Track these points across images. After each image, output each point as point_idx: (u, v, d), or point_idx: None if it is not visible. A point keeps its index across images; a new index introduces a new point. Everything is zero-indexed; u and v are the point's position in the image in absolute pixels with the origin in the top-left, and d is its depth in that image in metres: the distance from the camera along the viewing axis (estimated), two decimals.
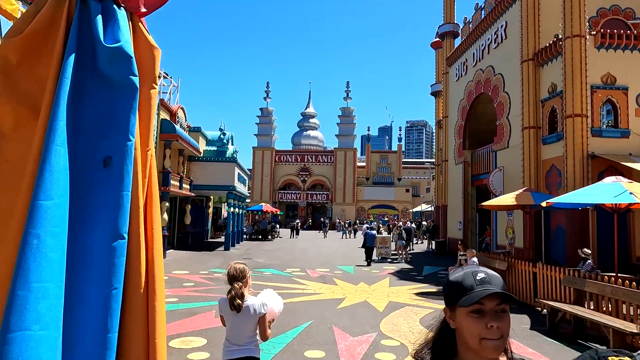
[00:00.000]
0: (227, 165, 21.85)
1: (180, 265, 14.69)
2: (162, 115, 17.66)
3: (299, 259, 18.30)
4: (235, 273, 3.13)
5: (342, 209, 53.70)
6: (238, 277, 3.11)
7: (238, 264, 3.23)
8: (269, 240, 30.16)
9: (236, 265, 3.20)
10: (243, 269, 3.18)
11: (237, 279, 3.10)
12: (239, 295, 3.01)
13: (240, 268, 3.18)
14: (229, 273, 3.15)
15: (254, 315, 3.01)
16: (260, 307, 3.05)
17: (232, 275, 3.12)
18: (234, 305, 2.97)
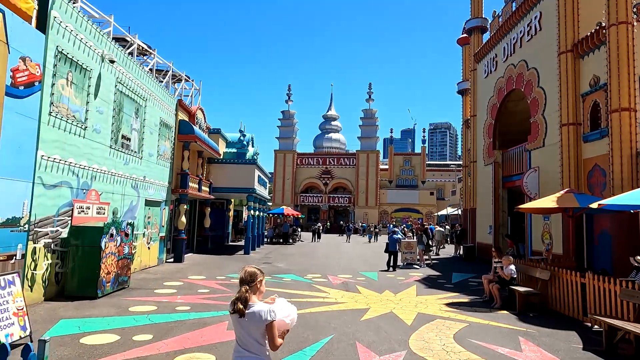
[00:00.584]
0: (247, 167, 21.38)
1: (197, 270, 14.19)
2: (181, 116, 17.30)
3: (320, 264, 17.59)
4: (244, 276, 3.03)
5: (365, 212, 52.76)
6: (246, 281, 3.00)
7: (250, 268, 3.11)
8: (290, 244, 29.56)
9: (248, 269, 3.10)
10: (253, 273, 3.05)
11: (246, 283, 3.00)
12: (242, 299, 2.89)
13: (250, 272, 3.06)
14: (240, 276, 3.07)
15: (259, 322, 2.86)
16: (267, 314, 2.86)
17: (241, 279, 3.03)
18: (235, 308, 2.88)
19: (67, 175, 9.42)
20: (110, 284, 9.63)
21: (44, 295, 8.71)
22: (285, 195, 54.27)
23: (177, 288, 10.71)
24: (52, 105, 8.76)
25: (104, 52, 10.75)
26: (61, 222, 9.25)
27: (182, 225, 16.67)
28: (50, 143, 8.74)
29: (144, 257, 13.96)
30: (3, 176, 7.43)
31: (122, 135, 12.13)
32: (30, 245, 8.24)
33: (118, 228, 9.95)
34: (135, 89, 12.89)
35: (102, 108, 10.85)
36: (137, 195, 13.23)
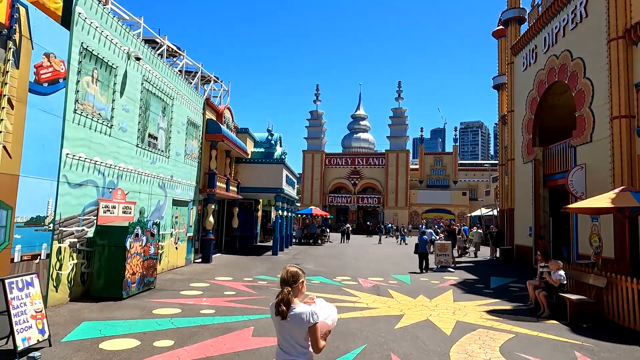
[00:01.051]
0: (275, 166, 21.08)
1: (224, 271, 13.93)
2: (208, 116, 17.14)
3: (350, 265, 17.03)
4: (286, 277, 2.92)
5: (395, 212, 51.75)
6: (288, 282, 2.90)
7: (292, 268, 2.99)
8: (319, 245, 29.12)
9: (289, 269, 2.98)
10: (295, 274, 2.95)
11: (288, 284, 2.89)
12: (285, 302, 2.80)
13: (292, 272, 2.95)
14: (281, 276, 2.96)
15: (302, 324, 2.77)
16: (310, 316, 2.77)
17: (283, 279, 2.93)
18: (278, 311, 2.80)
19: (93, 174, 9.28)
20: (136, 285, 9.43)
21: (69, 295, 8.57)
22: (314, 195, 53.95)
23: (203, 290, 10.42)
24: (77, 103, 8.62)
25: (129, 49, 10.61)
26: (87, 222, 9.11)
27: (210, 225, 16.49)
28: (75, 141, 8.60)
29: (171, 257, 13.81)
30: (26, 174, 7.29)
31: (149, 134, 11.99)
32: (55, 245, 8.10)
33: (143, 228, 9.75)
34: (162, 87, 12.75)
35: (128, 106, 10.70)
36: (164, 194, 13.08)
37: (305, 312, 2.77)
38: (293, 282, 2.88)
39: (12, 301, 5.27)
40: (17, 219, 7.13)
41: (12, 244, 7.01)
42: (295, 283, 2.88)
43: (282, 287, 2.87)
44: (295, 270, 2.97)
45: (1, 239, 6.79)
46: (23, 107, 7.18)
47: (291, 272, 2.93)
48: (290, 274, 2.91)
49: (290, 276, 2.91)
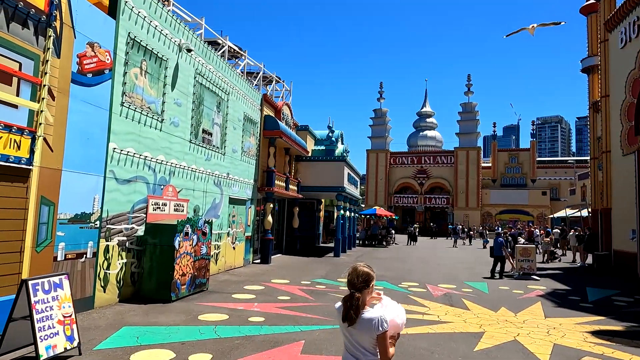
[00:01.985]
0: (336, 164, 20.14)
1: (282, 273, 13.21)
2: (266, 112, 16.62)
3: (417, 270, 15.60)
4: (356, 280, 2.61)
5: (465, 214, 48.69)
6: (358, 284, 2.59)
7: (362, 268, 2.68)
8: (384, 247, 27.75)
9: (360, 269, 2.66)
10: (367, 275, 2.63)
11: (357, 287, 2.59)
12: (355, 307, 2.54)
13: (363, 273, 2.63)
14: (349, 277, 2.65)
15: (370, 331, 2.52)
16: (379, 324, 2.51)
17: (350, 281, 2.63)
18: (347, 317, 2.55)
19: (143, 170, 8.92)
20: (186, 287, 8.92)
21: (118, 296, 8.22)
22: (379, 196, 52.42)
23: (256, 293, 9.71)
24: (124, 95, 8.27)
25: (180, 41, 10.21)
26: (137, 219, 8.75)
27: (269, 224, 15.92)
28: (122, 135, 8.25)
29: (228, 257, 13.37)
30: (70, 169, 6.97)
31: (203, 130, 11.58)
32: (102, 243, 7.76)
33: (194, 226, 9.24)
34: (217, 81, 12.31)
35: (180, 100, 10.31)
36: (220, 192, 12.65)
37: (374, 318, 2.53)
38: (364, 285, 2.60)
39: (36, 305, 4.77)
40: (60, 215, 6.81)
41: (55, 241, 6.69)
42: (367, 287, 2.61)
43: (352, 291, 2.59)
44: (367, 271, 2.66)
45: (43, 237, 6.47)
46: (65, 98, 6.85)
47: (362, 274, 2.63)
48: (362, 277, 2.62)
49: (361, 280, 2.60)
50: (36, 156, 6.30)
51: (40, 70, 6.39)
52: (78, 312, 7.10)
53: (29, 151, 6.15)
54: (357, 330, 2.56)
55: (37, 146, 6.31)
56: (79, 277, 7.22)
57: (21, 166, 6.03)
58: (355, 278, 2.62)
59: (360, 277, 2.62)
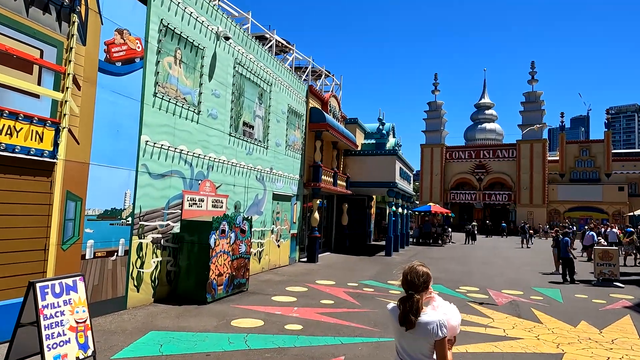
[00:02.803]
0: (387, 158, 19.06)
1: (328, 273, 12.46)
2: (313, 104, 15.93)
3: (477, 272, 14.22)
4: (414, 279, 2.41)
5: (529, 211, 45.36)
6: (417, 285, 2.39)
7: (422, 267, 2.46)
8: (439, 246, 26.20)
9: (417, 269, 2.45)
10: (427, 276, 2.44)
11: (416, 287, 2.39)
12: (414, 310, 2.34)
13: (423, 273, 2.44)
14: (405, 277, 2.43)
15: (428, 336, 2.33)
16: (438, 329, 2.32)
17: (409, 281, 2.41)
18: (404, 320, 2.36)
19: (179, 164, 8.50)
20: (223, 287, 8.41)
21: (153, 296, 7.86)
22: (434, 192, 50.27)
23: (297, 295, 9.02)
24: (157, 86, 7.86)
25: (218, 28, 9.71)
26: (172, 216, 8.35)
27: (315, 222, 15.23)
28: (156, 127, 7.85)
29: (272, 255, 12.83)
30: (98, 162, 6.62)
31: (244, 122, 11.07)
32: (135, 241, 7.40)
33: (232, 223, 8.70)
34: (258, 71, 11.76)
35: (218, 91, 9.83)
36: (262, 188, 12.11)
37: (432, 322, 2.33)
38: (423, 286, 2.41)
39: (44, 310, 4.34)
40: (88, 211, 6.47)
41: (82, 239, 6.37)
42: (425, 287, 2.42)
43: (409, 292, 2.39)
44: (426, 271, 2.48)
45: (69, 234, 6.15)
46: (92, 88, 6.50)
47: (423, 274, 2.43)
48: (421, 276, 2.42)
49: (420, 279, 2.41)
50: (60, 149, 5.98)
51: (64, 58, 6.05)
52: (109, 313, 6.79)
53: (52, 143, 5.83)
54: (414, 335, 2.36)
55: (62, 138, 5.98)
56: (110, 276, 6.89)
57: (44, 159, 5.71)
58: (415, 278, 2.40)
59: (420, 277, 2.40)
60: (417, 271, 2.43)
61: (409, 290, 2.39)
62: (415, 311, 2.34)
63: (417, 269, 2.45)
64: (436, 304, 2.49)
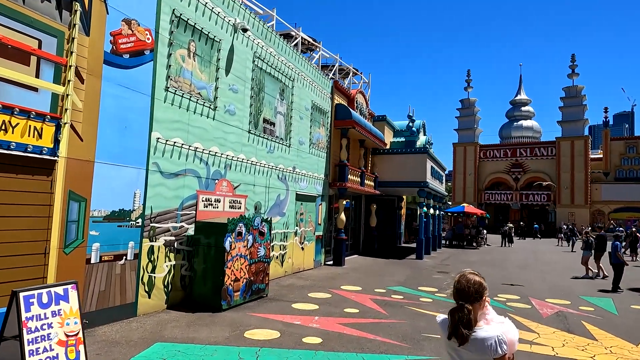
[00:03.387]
0: (417, 157, 18.17)
1: (354, 278, 11.78)
2: (337, 100, 15.29)
3: (516, 278, 13.17)
4: (465, 288, 2.21)
5: (570, 212, 42.99)
6: (468, 295, 2.19)
7: (472, 276, 2.27)
8: (474, 249, 24.96)
9: (469, 277, 2.26)
10: (480, 285, 2.23)
11: (468, 297, 2.19)
12: (466, 323, 2.14)
13: (476, 282, 2.23)
14: (456, 286, 2.25)
15: (486, 353, 2.11)
16: (497, 345, 2.10)
17: (461, 291, 2.22)
18: (457, 335, 2.15)
19: (193, 162, 8.06)
20: (240, 293, 7.89)
21: (166, 302, 7.42)
22: (467, 192, 48.58)
23: (320, 303, 8.39)
24: (169, 80, 7.43)
25: (235, 20, 9.24)
26: (187, 217, 7.91)
27: (342, 223, 14.56)
28: (167, 124, 7.43)
29: (296, 258, 12.27)
30: (104, 160, 6.23)
31: (264, 119, 10.56)
32: (145, 244, 6.98)
33: (249, 225, 8.18)
34: (279, 66, 11.23)
35: (236, 86, 9.36)
36: (285, 188, 11.57)
37: (491, 338, 2.11)
38: (477, 297, 2.18)
39: (28, 322, 3.90)
40: (94, 212, 6.08)
41: (87, 241, 5.98)
42: (480, 297, 2.19)
43: (460, 303, 2.18)
44: (479, 280, 2.24)
45: (73, 236, 5.77)
46: (97, 81, 6.11)
47: (475, 283, 2.20)
48: (475, 286, 2.19)
49: (474, 290, 2.18)
50: (62, 146, 5.60)
51: (65, 49, 5.67)
52: (117, 320, 6.38)
53: (52, 140, 5.45)
54: (468, 352, 2.17)
55: (63, 134, 5.60)
56: (118, 281, 6.48)
57: (43, 157, 5.34)
58: (467, 287, 2.22)
59: (473, 286, 2.21)
60: (468, 279, 2.24)
61: (460, 301, 2.21)
62: (467, 323, 2.15)
63: (469, 277, 2.26)
64: (489, 317, 2.26)
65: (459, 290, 2.24)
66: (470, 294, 2.20)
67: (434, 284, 11.34)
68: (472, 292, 2.20)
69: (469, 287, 2.21)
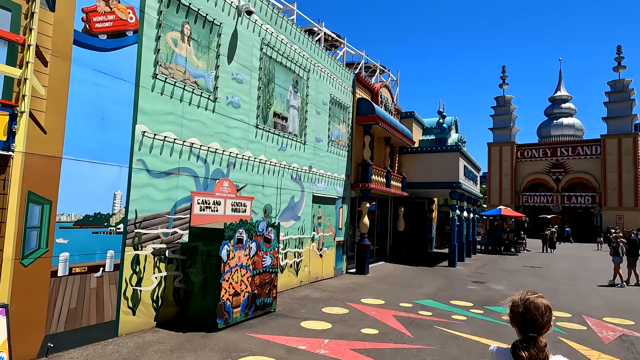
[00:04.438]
0: (449, 155, 16.75)
1: (378, 289, 10.57)
2: (360, 94, 14.14)
3: (566, 291, 11.57)
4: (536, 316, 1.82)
5: (618, 215, 39.87)
6: (539, 325, 1.83)
7: (540, 300, 1.86)
8: (512, 255, 23.10)
9: (537, 302, 1.85)
10: (549, 311, 1.84)
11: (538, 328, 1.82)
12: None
13: (545, 307, 1.84)
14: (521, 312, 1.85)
15: None
16: None
17: (529, 320, 1.83)
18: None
19: (189, 160, 7.14)
20: (241, 310, 6.88)
21: (155, 319, 6.50)
22: (503, 194, 46.12)
23: (334, 320, 7.27)
24: (158, 66, 6.54)
25: (239, 1, 8.29)
26: (181, 222, 6.99)
27: (365, 228, 13.37)
28: (156, 116, 6.53)
29: (314, 267, 11.18)
30: (75, 156, 5.37)
31: (275, 113, 9.56)
32: (129, 252, 6.08)
33: (251, 231, 7.17)
34: (292, 55, 10.22)
35: (240, 75, 8.40)
36: (299, 189, 10.53)
37: None
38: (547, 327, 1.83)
39: None
40: (62, 217, 5.22)
41: (53, 251, 5.11)
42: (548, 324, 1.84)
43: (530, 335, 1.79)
44: (547, 304, 1.85)
45: (33, 245, 4.92)
46: (65, 64, 5.26)
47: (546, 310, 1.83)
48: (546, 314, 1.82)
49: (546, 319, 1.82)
50: (19, 139, 4.76)
51: (23, 25, 4.84)
52: (93, 342, 5.48)
53: (5, 131, 4.61)
54: None
55: (20, 125, 4.76)
56: (94, 297, 5.60)
57: None
58: (538, 315, 1.80)
59: (544, 314, 1.80)
60: (537, 305, 1.82)
61: (529, 332, 1.81)
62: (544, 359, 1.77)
63: (537, 302, 1.84)
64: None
65: (526, 319, 1.84)
66: (544, 325, 1.83)
67: (469, 297, 9.98)
68: (545, 322, 1.83)
69: (541, 316, 1.82)
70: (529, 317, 1.83)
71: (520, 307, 1.87)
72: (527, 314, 1.84)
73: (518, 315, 1.86)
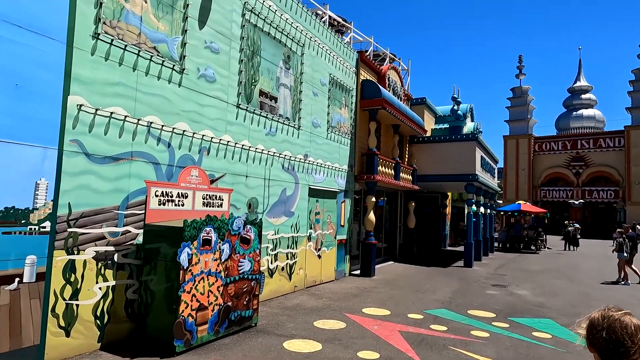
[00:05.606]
0: (464, 145, 15.23)
1: (383, 295, 9.17)
2: (364, 76, 12.69)
3: (600, 296, 10.03)
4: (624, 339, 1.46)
5: None
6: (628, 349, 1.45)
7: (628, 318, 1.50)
8: (533, 253, 21.45)
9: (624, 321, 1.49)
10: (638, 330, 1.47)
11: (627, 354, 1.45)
12: None
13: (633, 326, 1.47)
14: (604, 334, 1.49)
15: None
16: None
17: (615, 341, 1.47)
18: None
19: (147, 142, 5.82)
20: (209, 327, 5.56)
21: (100, 340, 5.21)
22: (520, 189, 44.18)
23: (326, 339, 5.90)
24: (100, 23, 5.21)
25: None
26: (136, 219, 5.68)
27: (370, 224, 11.95)
28: (98, 86, 5.21)
29: (310, 269, 9.83)
30: None
31: (261, 92, 8.20)
32: (59, 257, 4.79)
33: (223, 229, 5.83)
34: (282, 25, 8.83)
35: (216, 44, 7.05)
36: (293, 181, 9.17)
37: None
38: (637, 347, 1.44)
39: None
40: None
41: None
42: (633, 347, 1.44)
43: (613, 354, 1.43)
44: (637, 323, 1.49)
45: None
46: None
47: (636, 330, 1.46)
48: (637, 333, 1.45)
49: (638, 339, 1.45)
50: None
51: None
52: None
53: None
54: None
55: None
56: (7, 315, 4.32)
57: None
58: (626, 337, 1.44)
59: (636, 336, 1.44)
60: (624, 325, 1.47)
61: (613, 357, 1.45)
62: None
63: (624, 321, 1.48)
64: None
65: (611, 340, 1.46)
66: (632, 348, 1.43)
67: (490, 305, 8.53)
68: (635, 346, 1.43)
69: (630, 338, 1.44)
70: (614, 340, 1.47)
71: (602, 327, 1.50)
72: (612, 336, 1.47)
73: (599, 338, 1.49)
